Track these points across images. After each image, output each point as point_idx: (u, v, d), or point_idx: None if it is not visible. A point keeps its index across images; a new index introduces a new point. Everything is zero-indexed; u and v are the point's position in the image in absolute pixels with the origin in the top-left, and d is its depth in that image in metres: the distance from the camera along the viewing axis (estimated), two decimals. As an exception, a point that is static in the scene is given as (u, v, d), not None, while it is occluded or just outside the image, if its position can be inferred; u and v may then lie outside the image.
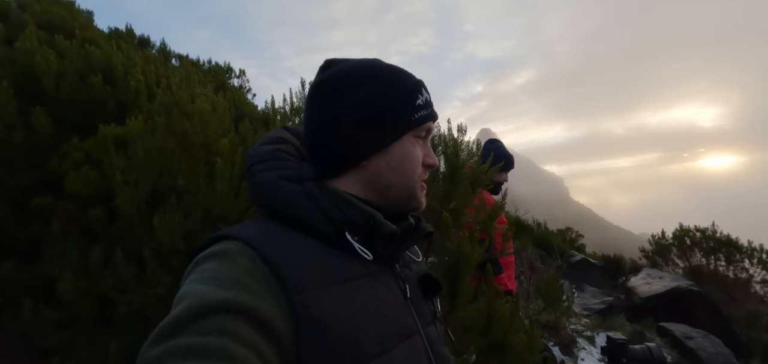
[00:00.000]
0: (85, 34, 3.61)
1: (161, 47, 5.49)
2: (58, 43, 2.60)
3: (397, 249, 0.71)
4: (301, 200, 0.62)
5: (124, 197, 1.37)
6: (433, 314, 0.75)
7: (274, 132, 0.76)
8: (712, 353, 5.12)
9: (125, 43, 4.07)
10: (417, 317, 0.68)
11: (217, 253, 0.54)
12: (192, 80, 3.41)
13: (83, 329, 1.36)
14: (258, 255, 0.54)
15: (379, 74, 0.70)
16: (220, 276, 0.50)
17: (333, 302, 0.55)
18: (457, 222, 1.54)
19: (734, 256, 7.48)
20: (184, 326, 0.43)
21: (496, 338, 1.47)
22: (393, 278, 0.69)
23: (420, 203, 0.72)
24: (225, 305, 0.46)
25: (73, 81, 2.35)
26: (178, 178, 1.42)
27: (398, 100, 0.68)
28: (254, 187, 0.66)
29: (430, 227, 0.78)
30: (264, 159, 0.68)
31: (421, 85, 0.72)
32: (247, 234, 0.57)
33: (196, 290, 0.48)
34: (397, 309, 0.65)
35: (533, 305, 5.59)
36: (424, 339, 0.67)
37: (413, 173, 0.70)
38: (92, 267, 1.39)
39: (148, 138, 1.55)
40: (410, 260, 0.79)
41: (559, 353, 4.81)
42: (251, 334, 0.46)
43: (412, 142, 0.70)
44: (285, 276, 0.53)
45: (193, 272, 0.54)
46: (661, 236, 8.39)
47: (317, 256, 0.59)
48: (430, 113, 0.72)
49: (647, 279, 7.17)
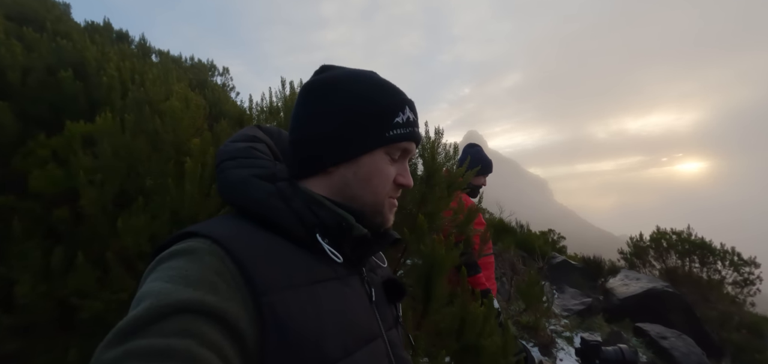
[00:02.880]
0: (57, 27, 3.49)
1: (141, 42, 5.35)
2: (26, 36, 2.50)
3: (365, 253, 0.71)
4: (272, 199, 0.62)
5: (89, 198, 1.32)
6: (396, 317, 0.76)
7: (247, 129, 0.75)
8: (685, 352, 5.28)
9: (101, 37, 3.95)
10: (380, 321, 0.69)
11: (184, 251, 0.53)
12: (170, 77, 3.33)
13: (42, 334, 1.30)
14: (227, 254, 0.53)
15: (365, 85, 0.69)
16: (187, 275, 0.49)
17: (299, 304, 0.54)
18: (433, 225, 1.54)
19: (708, 258, 7.73)
20: (146, 327, 0.42)
21: (470, 341, 1.47)
22: (359, 281, 0.69)
23: (385, 220, 0.71)
24: (190, 306, 0.45)
25: (41, 75, 2.27)
26: (146, 178, 1.38)
27: (374, 114, 0.67)
28: (225, 184, 0.65)
29: (397, 235, 0.78)
30: (236, 156, 0.67)
31: (405, 104, 0.70)
32: (216, 232, 0.55)
33: (160, 288, 0.47)
34: (361, 313, 0.65)
35: (514, 306, 5.66)
36: (386, 343, 0.68)
37: (380, 190, 0.69)
38: (53, 270, 1.33)
39: (117, 136, 1.50)
40: (376, 264, 0.79)
41: (538, 354, 4.88)
42: (217, 336, 0.45)
43: (384, 158, 0.69)
44: (253, 276, 0.52)
45: (157, 269, 0.52)
46: (639, 238, 8.62)
47: (286, 257, 0.58)
48: (410, 133, 0.70)
49: (625, 280, 7.35)
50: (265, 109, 1.80)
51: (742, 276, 7.57)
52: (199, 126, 1.62)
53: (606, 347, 2.20)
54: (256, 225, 0.60)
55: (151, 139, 1.49)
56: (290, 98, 2.07)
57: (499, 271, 6.46)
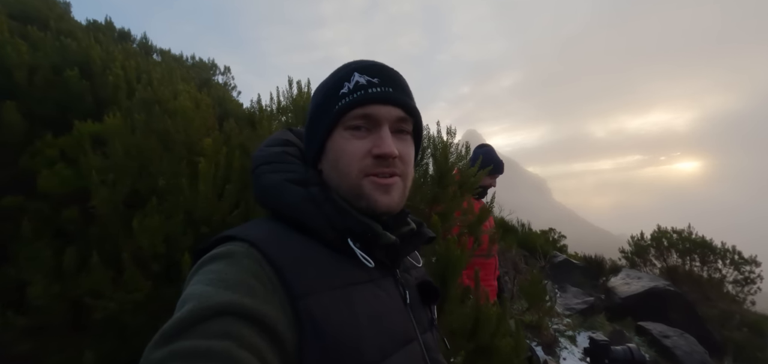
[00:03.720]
0: (60, 26, 3.47)
1: (142, 41, 5.32)
2: (31, 35, 2.49)
3: (398, 255, 0.70)
4: (305, 204, 0.62)
5: (101, 198, 1.31)
6: (431, 320, 0.74)
7: (279, 133, 0.76)
8: (687, 351, 5.29)
9: (104, 36, 3.92)
10: (415, 324, 0.68)
11: (224, 254, 0.54)
12: (174, 76, 3.32)
13: (56, 335, 1.29)
14: (264, 258, 0.54)
15: (329, 77, 0.71)
16: (226, 278, 0.50)
17: (336, 307, 0.55)
18: (446, 225, 1.53)
19: (708, 257, 7.75)
20: (189, 329, 0.43)
21: (483, 342, 1.46)
22: (394, 283, 0.68)
23: (373, 201, 0.63)
24: (230, 308, 0.46)
25: (47, 74, 2.25)
26: (158, 178, 1.37)
27: (324, 97, 0.68)
28: (260, 188, 0.66)
29: (432, 233, 0.77)
30: (271, 161, 0.68)
31: (353, 71, 0.65)
32: (253, 236, 0.56)
33: (201, 291, 0.48)
34: (397, 315, 0.65)
35: (517, 306, 5.66)
36: (421, 346, 0.66)
37: (349, 169, 0.63)
38: (66, 271, 1.32)
39: (127, 136, 1.49)
40: (410, 265, 0.78)
41: (542, 353, 4.88)
42: (255, 338, 0.45)
43: (343, 135, 0.64)
44: (290, 280, 0.53)
45: (198, 272, 0.53)
46: (640, 237, 8.63)
47: (321, 260, 0.59)
48: (361, 96, 0.63)
49: (626, 279, 7.36)
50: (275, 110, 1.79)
51: (743, 275, 7.59)
52: (210, 126, 1.61)
53: (615, 346, 2.19)
54: (291, 229, 0.61)
55: (161, 139, 1.48)
56: (298, 97, 2.06)
57: (502, 270, 6.47)
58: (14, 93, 2.04)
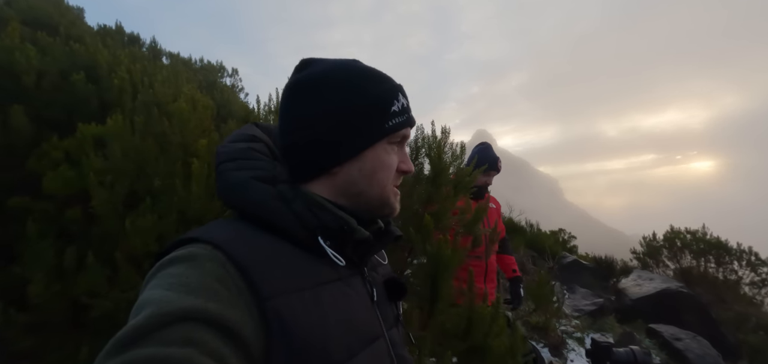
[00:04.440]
0: (71, 31, 3.56)
1: (152, 45, 5.43)
2: (40, 40, 2.56)
3: (367, 253, 0.70)
4: (273, 202, 0.61)
5: (100, 198, 1.35)
6: (396, 316, 0.76)
7: (245, 128, 0.73)
8: (700, 354, 5.16)
9: (113, 40, 4.02)
10: (382, 321, 0.69)
11: (185, 257, 0.52)
12: (180, 79, 3.38)
13: (56, 333, 1.33)
14: (229, 259, 0.52)
15: (354, 78, 0.68)
16: (188, 282, 0.48)
17: (305, 307, 0.54)
18: (439, 225, 1.53)
19: (724, 258, 7.55)
20: (147, 336, 0.41)
21: (477, 341, 1.46)
22: (361, 281, 0.69)
23: (393, 209, 0.71)
24: (192, 314, 0.44)
25: (54, 79, 2.31)
26: (154, 179, 1.40)
27: (372, 106, 0.66)
28: (224, 186, 0.63)
29: (399, 231, 0.77)
30: (235, 157, 0.65)
31: (398, 90, 0.70)
32: (217, 237, 0.54)
33: (161, 296, 0.46)
34: (364, 313, 0.65)
35: (524, 307, 5.60)
36: (387, 342, 0.68)
37: (386, 181, 0.68)
38: (66, 270, 1.36)
39: (127, 138, 1.52)
40: (377, 262, 0.79)
41: (548, 355, 4.82)
42: (218, 344, 0.44)
43: (386, 149, 0.68)
44: (256, 282, 0.51)
45: (157, 276, 0.51)
46: (652, 238, 8.45)
47: (289, 260, 0.58)
48: (407, 119, 0.70)
49: (638, 281, 7.22)
50: (272, 110, 1.81)
51: (760, 276, 7.37)
52: (206, 127, 1.63)
53: (617, 348, 2.16)
54: (257, 228, 0.60)
55: (159, 141, 1.51)
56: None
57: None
58: (22, 97, 2.11)
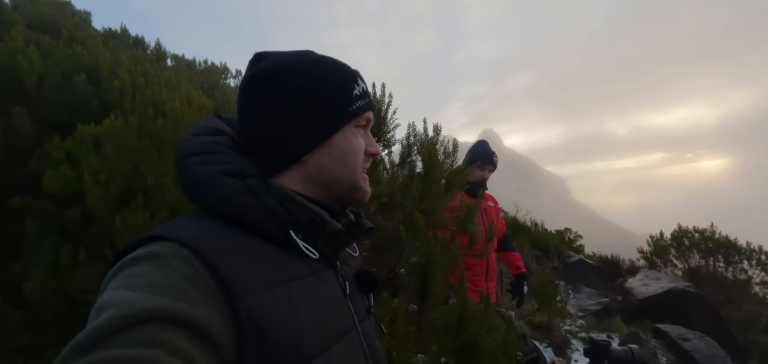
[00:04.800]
0: (74, 34, 3.63)
1: (156, 47, 5.50)
2: (43, 43, 2.61)
3: (339, 246, 0.71)
4: (242, 196, 0.59)
5: (93, 197, 1.37)
6: (368, 308, 0.77)
7: (208, 121, 0.71)
8: (708, 355, 5.08)
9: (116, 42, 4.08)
10: (354, 313, 0.70)
11: (150, 255, 0.49)
12: (181, 80, 3.42)
13: (53, 329, 1.36)
14: (197, 257, 0.50)
15: (313, 66, 0.68)
16: (153, 282, 0.46)
17: (277, 304, 0.53)
18: (431, 222, 1.53)
19: (733, 257, 7.42)
20: (109, 338, 0.39)
21: (468, 339, 1.45)
22: (334, 275, 0.69)
23: (365, 192, 0.72)
24: (158, 314, 0.42)
25: (56, 81, 2.36)
26: (148, 178, 1.42)
27: (336, 92, 0.68)
28: (188, 181, 0.61)
29: (370, 223, 0.78)
30: (199, 152, 0.63)
31: (356, 75, 0.72)
32: (183, 234, 0.52)
33: (123, 297, 0.43)
34: (337, 307, 0.66)
35: (527, 306, 5.57)
36: (360, 334, 0.69)
37: (356, 164, 0.70)
38: (62, 267, 1.39)
39: (122, 137, 1.55)
40: (348, 255, 0.79)
41: (551, 355, 4.79)
42: (186, 344, 0.42)
43: (353, 132, 0.70)
44: (226, 279, 0.50)
45: (119, 276, 0.48)
46: (660, 237, 8.34)
47: (260, 256, 0.57)
48: (368, 103, 0.71)
49: (645, 280, 7.13)
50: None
51: (771, 276, 7.24)
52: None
53: (615, 347, 2.13)
54: (226, 224, 0.58)
55: (154, 140, 1.53)
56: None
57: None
58: (24, 99, 2.16)
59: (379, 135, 1.58)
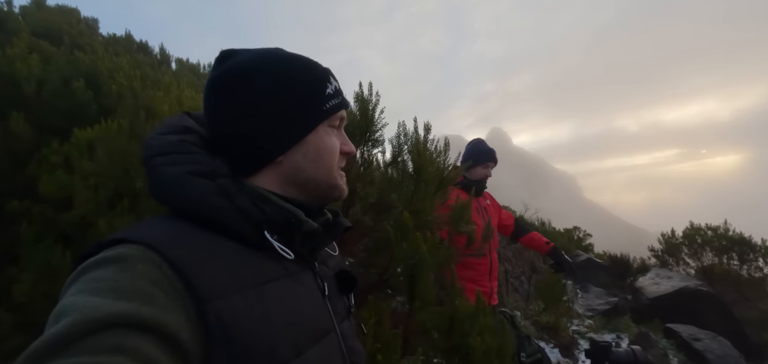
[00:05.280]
0: (79, 41, 3.69)
1: (161, 52, 5.57)
2: (44, 49, 2.65)
3: (316, 246, 0.70)
4: (213, 198, 0.57)
5: (82, 200, 1.38)
6: (348, 308, 0.75)
7: (176, 119, 0.68)
8: (721, 355, 4.95)
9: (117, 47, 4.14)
10: (333, 314, 0.68)
11: (114, 258, 0.47)
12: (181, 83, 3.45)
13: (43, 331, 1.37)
14: (164, 260, 0.48)
15: (285, 65, 0.67)
16: (117, 287, 0.43)
17: (248, 307, 0.52)
18: (419, 222, 1.51)
19: (748, 255, 7.23)
20: (69, 345, 0.37)
21: (458, 341, 1.43)
22: (312, 276, 0.68)
23: (342, 190, 0.72)
24: (122, 319, 0.40)
25: (56, 86, 2.39)
26: (136, 180, 1.43)
27: (308, 91, 0.66)
28: (156, 182, 0.59)
29: (348, 222, 0.77)
30: (167, 151, 0.60)
31: (328, 73, 0.71)
32: (149, 236, 0.51)
33: (85, 302, 0.41)
34: (314, 308, 0.64)
35: (533, 306, 5.50)
36: (338, 335, 0.68)
37: (332, 163, 0.69)
38: (53, 270, 1.40)
39: (113, 141, 1.56)
40: (327, 255, 0.77)
41: (558, 355, 4.71)
42: (154, 350, 0.41)
43: (327, 131, 0.69)
44: (194, 282, 0.48)
45: (80, 280, 0.45)
46: (671, 235, 8.17)
47: (232, 258, 0.55)
48: (342, 101, 0.71)
49: (655, 279, 6.99)
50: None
51: (788, 274, 7.04)
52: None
53: (617, 348, 2.09)
54: (196, 226, 0.56)
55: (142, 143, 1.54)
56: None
57: (518, 269, 6.30)
58: (23, 104, 2.19)
59: (366, 135, 1.57)
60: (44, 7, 5.07)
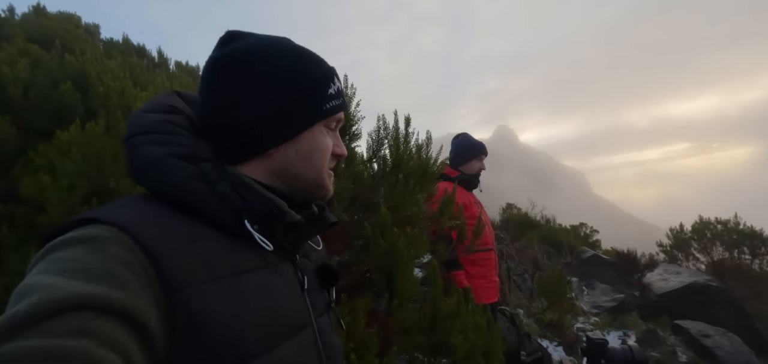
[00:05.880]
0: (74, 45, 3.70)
1: (159, 54, 5.59)
2: (33, 52, 2.66)
3: (299, 239, 0.68)
4: (192, 182, 0.55)
5: (53, 201, 1.36)
6: (328, 303, 0.74)
7: (163, 97, 0.66)
8: (731, 352, 4.81)
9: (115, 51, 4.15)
10: (311, 308, 0.67)
11: (84, 238, 0.44)
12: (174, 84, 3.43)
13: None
14: (136, 243, 0.46)
15: (290, 57, 0.65)
16: (86, 268, 0.41)
17: (219, 298, 0.50)
18: (398, 217, 1.46)
19: (759, 249, 7.05)
20: (30, 325, 0.35)
21: (440, 339, 1.38)
22: (292, 268, 0.66)
23: (328, 191, 0.70)
24: (90, 301, 0.38)
25: (43, 89, 2.39)
26: (109, 180, 1.41)
27: (311, 88, 0.65)
28: (136, 162, 0.56)
29: (334, 218, 0.75)
30: (149, 131, 0.58)
31: (333, 73, 0.69)
32: (123, 218, 0.48)
33: (49, 282, 0.39)
34: (290, 302, 0.62)
35: (537, 304, 5.40)
36: (315, 330, 0.66)
37: (322, 164, 0.68)
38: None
39: (89, 140, 1.54)
40: (310, 248, 0.76)
41: (562, 353, 4.62)
42: (121, 335, 0.39)
43: (323, 131, 0.67)
44: (166, 269, 0.46)
45: (45, 259, 0.43)
46: (680, 230, 8.00)
47: (207, 246, 0.53)
48: (342, 103, 0.70)
49: (664, 275, 6.84)
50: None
51: (802, 268, 6.84)
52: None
53: (613, 346, 2.02)
54: (173, 210, 0.54)
55: (118, 141, 1.52)
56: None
57: (521, 267, 6.20)
58: (9, 107, 2.19)
59: (344, 129, 1.53)
60: (44, 13, 5.13)
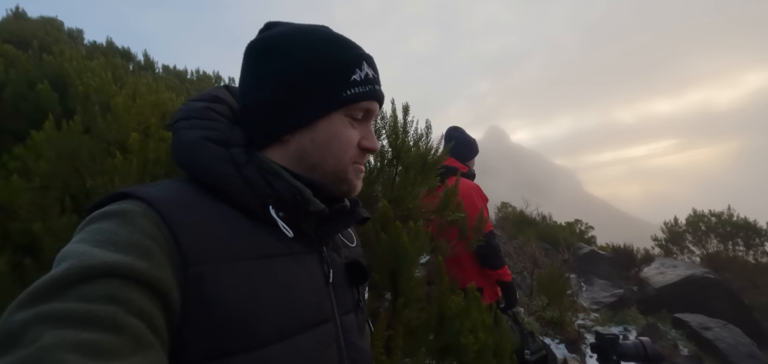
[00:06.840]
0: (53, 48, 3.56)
1: (145, 57, 5.45)
2: (7, 52, 2.53)
3: (328, 231, 0.65)
4: (222, 165, 0.57)
5: (22, 203, 1.24)
6: (356, 302, 0.70)
7: (212, 89, 0.69)
8: (732, 343, 4.79)
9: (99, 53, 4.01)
10: (335, 304, 0.64)
11: (116, 212, 0.48)
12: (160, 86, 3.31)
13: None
14: (162, 219, 0.48)
15: (314, 42, 0.62)
16: (117, 239, 0.44)
17: (233, 279, 0.50)
18: (400, 211, 1.37)
19: (753, 240, 7.08)
20: (64, 289, 0.37)
21: (449, 340, 1.28)
22: (318, 260, 0.64)
23: (352, 187, 0.66)
24: (118, 270, 0.40)
25: (19, 90, 2.26)
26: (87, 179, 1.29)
27: (328, 73, 0.61)
28: (177, 146, 0.60)
29: (367, 213, 0.72)
30: (191, 116, 0.62)
31: (362, 59, 0.64)
32: (152, 195, 0.51)
33: (84, 250, 0.42)
34: (311, 293, 0.60)
35: (536, 301, 5.34)
36: (338, 327, 0.63)
37: (342, 155, 0.64)
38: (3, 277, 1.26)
39: (65, 139, 1.42)
40: (342, 244, 0.74)
41: (564, 351, 4.56)
42: (147, 303, 0.41)
43: (344, 121, 0.64)
44: (183, 244, 0.48)
45: (84, 230, 0.47)
46: (674, 223, 8.02)
47: (230, 228, 0.54)
48: (370, 92, 0.64)
49: (661, 269, 6.84)
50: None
51: (796, 257, 6.89)
52: (144, 121, 1.52)
53: (624, 341, 1.94)
54: (203, 191, 0.56)
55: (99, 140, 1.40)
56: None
57: (520, 265, 6.14)
58: (-21, 109, 2.06)
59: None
60: (24, 17, 4.97)
